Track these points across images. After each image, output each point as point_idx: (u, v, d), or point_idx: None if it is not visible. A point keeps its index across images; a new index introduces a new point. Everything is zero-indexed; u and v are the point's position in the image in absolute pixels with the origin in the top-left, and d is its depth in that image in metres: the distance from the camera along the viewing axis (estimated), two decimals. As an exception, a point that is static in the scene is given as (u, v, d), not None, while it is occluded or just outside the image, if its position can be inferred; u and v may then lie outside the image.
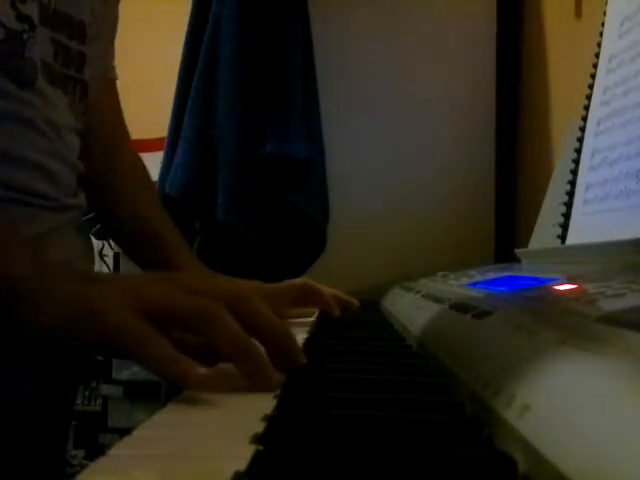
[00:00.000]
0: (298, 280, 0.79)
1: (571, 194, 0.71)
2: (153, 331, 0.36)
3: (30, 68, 0.53)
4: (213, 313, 0.37)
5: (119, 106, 0.78)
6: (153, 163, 2.02)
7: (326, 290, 0.77)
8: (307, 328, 0.67)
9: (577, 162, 0.71)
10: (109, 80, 0.75)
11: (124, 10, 0.74)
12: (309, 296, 0.75)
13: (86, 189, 0.67)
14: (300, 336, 0.59)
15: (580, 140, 0.72)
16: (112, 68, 0.75)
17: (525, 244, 0.85)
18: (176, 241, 0.77)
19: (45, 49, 0.55)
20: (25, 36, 0.52)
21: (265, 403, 0.31)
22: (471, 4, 1.31)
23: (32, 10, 0.52)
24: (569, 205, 0.70)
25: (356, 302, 0.84)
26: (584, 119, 0.72)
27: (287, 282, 0.76)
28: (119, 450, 0.25)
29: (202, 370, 0.34)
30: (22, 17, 0.51)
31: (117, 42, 0.74)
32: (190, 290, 0.39)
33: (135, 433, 0.27)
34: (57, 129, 0.57)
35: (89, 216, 0.79)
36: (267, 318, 0.39)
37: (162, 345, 0.35)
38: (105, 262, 2.13)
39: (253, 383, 0.36)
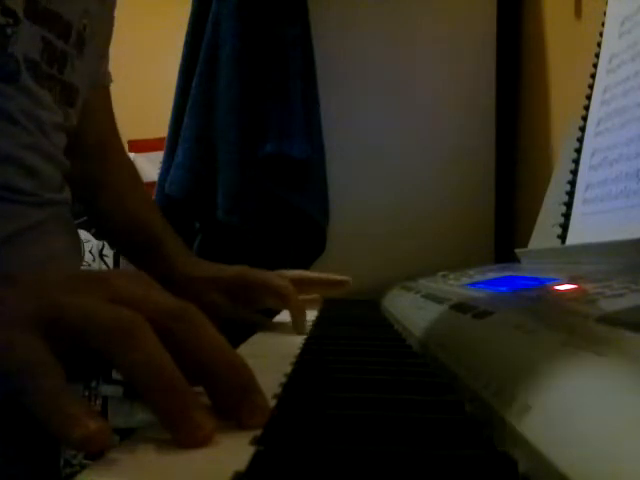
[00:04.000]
0: (290, 272, 0.81)
1: (571, 194, 0.71)
2: (45, 356, 0.27)
3: (13, 63, 0.52)
4: (130, 330, 0.28)
5: (111, 110, 0.79)
6: (153, 163, 2.03)
7: (312, 278, 0.82)
8: (307, 327, 0.67)
9: (577, 162, 0.71)
10: (103, 87, 0.75)
11: (125, 10, 0.74)
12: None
13: (80, 191, 0.67)
14: (299, 336, 0.60)
15: (580, 140, 0.72)
16: (107, 74, 0.75)
17: (525, 244, 0.85)
18: (170, 237, 0.78)
19: (32, 46, 0.54)
20: (9, 31, 0.51)
21: (265, 403, 0.31)
22: (471, 4, 1.31)
23: (17, 5, 0.51)
24: (569, 205, 0.70)
25: (347, 279, 0.85)
26: (584, 119, 0.72)
27: (279, 272, 0.77)
28: (119, 451, 0.25)
29: (94, 425, 0.25)
30: (7, 11, 0.50)
31: (117, 42, 0.74)
32: (118, 300, 0.30)
33: (135, 434, 0.27)
34: (40, 125, 0.56)
35: (84, 218, 0.79)
36: (213, 346, 0.30)
37: (50, 379, 0.26)
38: (105, 262, 2.13)
39: (172, 433, 0.26)
